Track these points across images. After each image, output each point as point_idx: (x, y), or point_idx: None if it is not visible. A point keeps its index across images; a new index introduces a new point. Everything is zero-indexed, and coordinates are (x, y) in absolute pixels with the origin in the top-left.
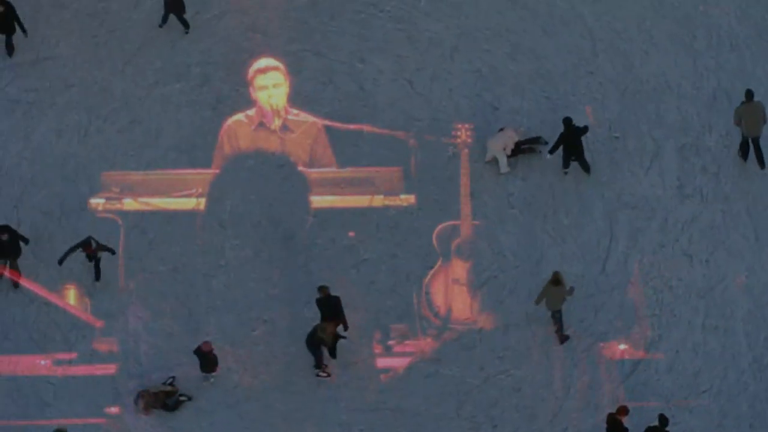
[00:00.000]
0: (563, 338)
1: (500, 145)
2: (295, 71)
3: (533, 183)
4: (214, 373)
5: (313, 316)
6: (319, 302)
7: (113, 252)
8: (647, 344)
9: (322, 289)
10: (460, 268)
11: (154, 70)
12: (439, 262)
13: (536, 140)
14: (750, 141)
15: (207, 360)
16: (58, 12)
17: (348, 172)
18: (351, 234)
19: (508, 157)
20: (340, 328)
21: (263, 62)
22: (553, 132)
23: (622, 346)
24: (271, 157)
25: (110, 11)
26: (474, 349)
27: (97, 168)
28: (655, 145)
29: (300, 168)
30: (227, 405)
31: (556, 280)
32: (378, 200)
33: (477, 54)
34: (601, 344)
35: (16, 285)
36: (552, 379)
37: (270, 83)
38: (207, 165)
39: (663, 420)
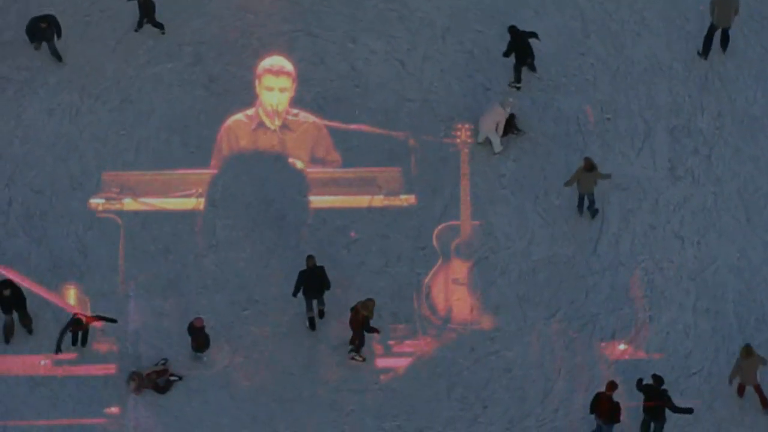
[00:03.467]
0: (594, 212)
1: (491, 124)
2: (286, 51)
3: (525, 164)
4: (205, 353)
5: (302, 296)
6: (304, 274)
7: (114, 321)
8: (638, 326)
9: (309, 258)
10: (460, 268)
11: (146, 49)
12: (439, 262)
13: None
14: (720, 31)
15: (199, 337)
16: None
17: (348, 172)
18: (352, 234)
19: (501, 136)
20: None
21: (276, 63)
22: (543, 114)
23: (613, 328)
24: (271, 156)
25: None
26: (465, 329)
27: (89, 147)
28: (646, 127)
29: (300, 167)
30: (218, 385)
31: (591, 166)
32: (378, 200)
33: (469, 35)
34: (592, 325)
35: (30, 331)
36: (543, 360)
37: (278, 86)
38: (199, 145)
39: (658, 379)
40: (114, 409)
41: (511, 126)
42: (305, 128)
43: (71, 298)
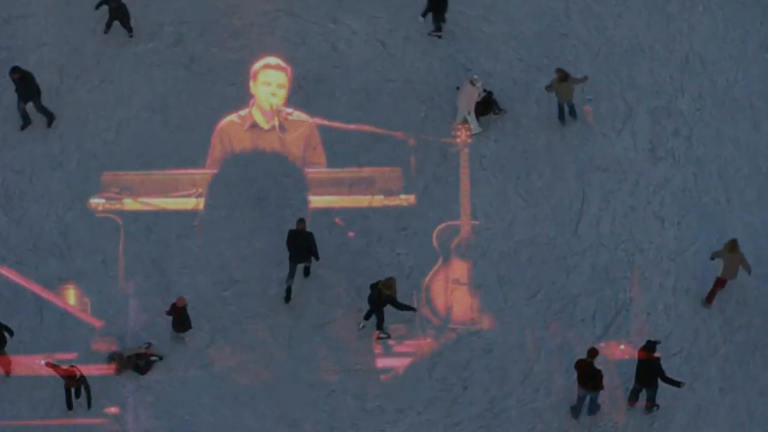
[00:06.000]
0: (575, 115)
1: (465, 102)
2: (268, 32)
3: (506, 145)
4: (186, 333)
5: (284, 276)
6: (293, 234)
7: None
8: (618, 306)
9: (300, 221)
10: (460, 268)
11: (131, 36)
12: (439, 262)
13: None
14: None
15: (181, 318)
16: None
17: (348, 172)
18: (351, 234)
19: (481, 115)
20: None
21: (273, 59)
22: (525, 95)
23: (594, 309)
24: (267, 156)
25: None
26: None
27: (69, 127)
28: (627, 108)
29: (297, 167)
30: (199, 365)
31: (564, 76)
32: (378, 200)
33: (450, 15)
34: (573, 306)
35: (8, 373)
36: (523, 341)
37: (276, 82)
38: (180, 125)
39: (651, 344)
40: (114, 409)
41: (492, 106)
42: (300, 128)
43: (71, 297)
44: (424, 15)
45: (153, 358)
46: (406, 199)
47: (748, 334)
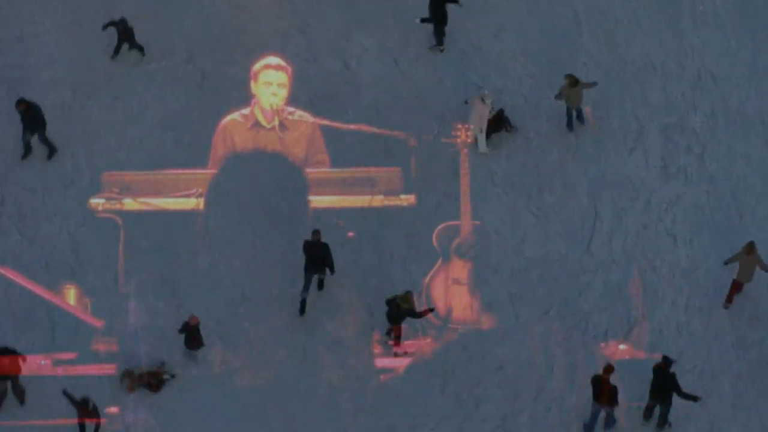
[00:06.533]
0: (583, 120)
1: (477, 120)
2: (280, 49)
3: (517, 162)
4: (199, 351)
5: (296, 293)
6: (308, 245)
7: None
8: (630, 324)
9: (315, 232)
10: (460, 268)
11: (144, 55)
12: (439, 262)
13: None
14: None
15: (193, 336)
16: None
17: (348, 172)
18: (350, 234)
19: (493, 132)
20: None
21: (273, 60)
22: (536, 112)
23: (606, 326)
24: (268, 155)
25: None
26: (464, 329)
27: (81, 145)
28: (639, 125)
29: (298, 167)
30: (211, 382)
31: (575, 81)
32: (378, 200)
33: (461, 33)
34: (585, 324)
35: (22, 402)
36: (535, 358)
37: (276, 82)
38: (191, 143)
39: (667, 360)
40: (114, 409)
41: (503, 123)
42: (301, 127)
43: (71, 297)
44: (422, 21)
45: (165, 376)
46: (407, 199)
47: (760, 350)
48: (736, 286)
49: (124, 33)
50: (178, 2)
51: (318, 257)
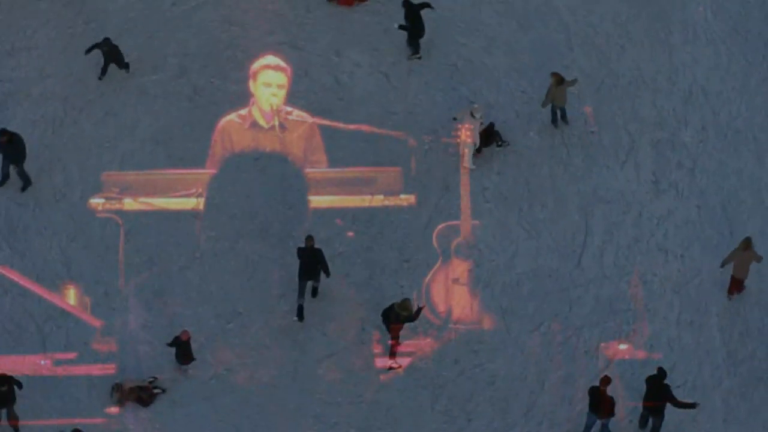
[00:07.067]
0: (567, 120)
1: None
2: None
3: (508, 177)
4: (190, 365)
5: (288, 309)
6: (302, 252)
7: None
8: (622, 339)
9: (308, 239)
10: (459, 268)
11: (131, 60)
12: (439, 262)
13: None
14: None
15: (184, 350)
16: (34, 2)
17: (348, 172)
18: (350, 234)
19: (483, 146)
20: None
21: (273, 60)
22: (527, 126)
23: (597, 341)
24: (266, 156)
25: (87, 1)
26: (448, 342)
27: (72, 159)
28: (630, 140)
29: (297, 167)
30: (202, 397)
31: (561, 80)
32: (378, 200)
33: (453, 47)
34: (576, 338)
35: (16, 429)
36: (526, 373)
37: (275, 82)
38: (183, 157)
39: (662, 372)
40: (113, 409)
41: (494, 137)
42: (300, 127)
43: (71, 297)
44: (400, 27)
45: (156, 390)
46: (406, 199)
47: (751, 365)
48: (735, 283)
49: (110, 53)
50: (170, 17)
51: (312, 263)
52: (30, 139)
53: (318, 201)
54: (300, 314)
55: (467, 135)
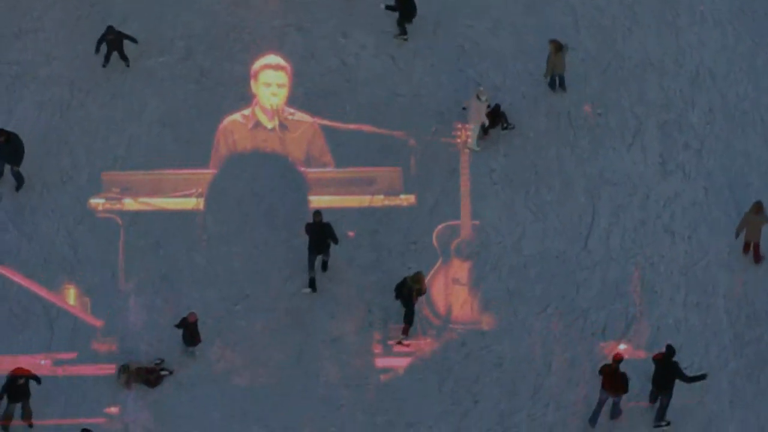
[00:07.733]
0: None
1: (476, 119)
2: (277, 46)
3: (515, 159)
4: (197, 347)
5: (294, 291)
6: (310, 227)
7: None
8: (628, 320)
9: (316, 214)
10: (460, 268)
11: (137, 44)
12: (439, 262)
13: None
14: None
15: (191, 332)
16: None
17: (348, 172)
18: (351, 234)
19: (489, 128)
20: None
21: (273, 59)
22: (534, 109)
23: (604, 323)
24: (269, 156)
25: None
26: (464, 328)
27: (79, 142)
28: (637, 122)
29: (298, 167)
30: (209, 379)
31: (560, 46)
32: (378, 200)
33: (459, 29)
34: (583, 320)
35: (30, 425)
36: (533, 355)
37: (276, 82)
38: (190, 140)
39: (670, 349)
40: (113, 409)
41: (500, 118)
42: (302, 128)
43: (70, 296)
44: (387, 8)
45: (163, 372)
46: (406, 199)
47: (758, 347)
48: (748, 247)
49: (114, 42)
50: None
51: (321, 238)
52: (37, 121)
53: (318, 201)
54: (312, 285)
55: (467, 135)
